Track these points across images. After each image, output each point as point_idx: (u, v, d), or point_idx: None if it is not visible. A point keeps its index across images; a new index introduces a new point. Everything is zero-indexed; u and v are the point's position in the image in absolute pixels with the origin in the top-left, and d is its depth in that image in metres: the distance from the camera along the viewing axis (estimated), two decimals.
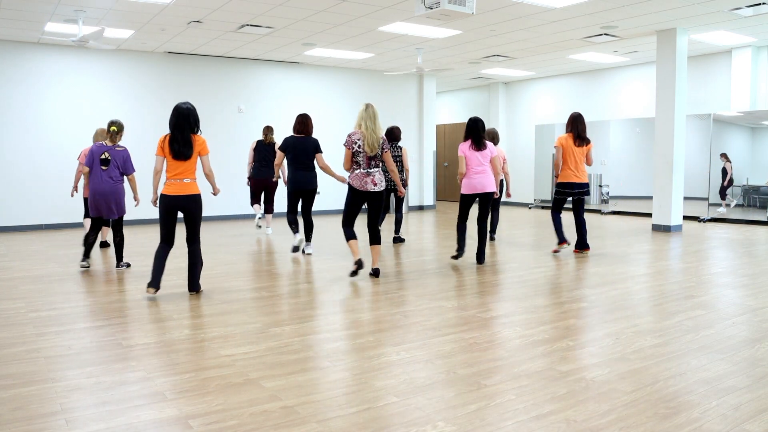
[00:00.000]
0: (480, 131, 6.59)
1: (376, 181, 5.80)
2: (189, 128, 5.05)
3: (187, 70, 11.51)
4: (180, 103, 5.12)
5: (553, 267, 6.53)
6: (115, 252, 6.52)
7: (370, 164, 5.78)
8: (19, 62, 10.11)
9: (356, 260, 5.80)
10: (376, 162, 5.79)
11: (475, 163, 6.57)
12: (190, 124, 5.06)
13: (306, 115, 7.13)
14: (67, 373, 3.33)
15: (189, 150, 5.03)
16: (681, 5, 8.10)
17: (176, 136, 5.02)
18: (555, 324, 4.27)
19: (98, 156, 6.32)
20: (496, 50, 11.19)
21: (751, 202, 10.81)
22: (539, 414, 2.74)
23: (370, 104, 5.79)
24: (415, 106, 14.43)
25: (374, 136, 5.71)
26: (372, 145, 5.70)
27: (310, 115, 7.25)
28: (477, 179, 6.56)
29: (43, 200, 10.37)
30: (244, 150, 12.04)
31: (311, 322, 4.36)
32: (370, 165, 5.78)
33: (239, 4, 7.94)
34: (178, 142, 5.01)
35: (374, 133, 5.71)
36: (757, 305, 4.77)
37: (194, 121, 5.08)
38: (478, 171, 6.57)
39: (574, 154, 7.15)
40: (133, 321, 4.43)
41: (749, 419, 2.68)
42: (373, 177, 5.78)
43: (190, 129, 5.06)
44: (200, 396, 2.99)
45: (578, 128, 7.15)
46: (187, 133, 5.04)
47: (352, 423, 2.67)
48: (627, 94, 13.06)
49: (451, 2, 6.16)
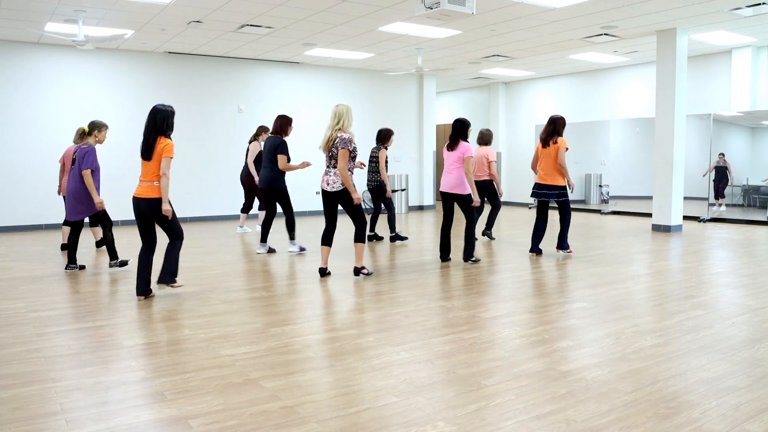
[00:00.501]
0: (456, 132, 6.66)
1: (329, 181, 5.76)
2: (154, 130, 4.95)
3: (187, 70, 11.51)
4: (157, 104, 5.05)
5: (553, 267, 6.53)
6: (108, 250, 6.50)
7: (329, 163, 5.79)
8: (19, 62, 10.11)
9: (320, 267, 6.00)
10: (333, 162, 5.75)
11: (447, 163, 6.73)
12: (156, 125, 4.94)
13: (280, 115, 7.28)
14: (67, 373, 3.33)
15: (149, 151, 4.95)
16: (681, 5, 8.10)
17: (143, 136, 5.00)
18: (555, 324, 4.27)
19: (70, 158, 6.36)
20: (496, 50, 11.19)
21: (751, 202, 10.81)
22: (539, 414, 2.74)
23: (338, 104, 5.78)
24: (415, 106, 14.42)
25: (329, 133, 5.71)
26: (326, 142, 5.73)
27: (285, 116, 7.30)
28: (444, 178, 6.74)
29: (43, 200, 10.37)
30: (244, 150, 12.03)
31: (311, 322, 4.36)
32: (328, 164, 5.80)
33: (239, 4, 7.94)
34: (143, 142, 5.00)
35: (330, 130, 5.72)
36: (757, 305, 4.77)
37: (162, 123, 4.95)
38: (446, 170, 6.72)
39: (542, 156, 7.10)
40: (133, 321, 4.43)
41: (749, 419, 2.68)
42: (328, 177, 5.78)
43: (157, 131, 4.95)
44: (200, 396, 2.99)
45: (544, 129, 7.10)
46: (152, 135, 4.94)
47: (352, 423, 2.67)
48: (627, 94, 13.06)
49: (451, 2, 6.16)
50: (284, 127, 7.25)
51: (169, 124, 4.98)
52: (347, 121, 5.71)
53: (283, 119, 7.24)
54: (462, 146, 6.61)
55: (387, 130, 8.17)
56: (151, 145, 4.93)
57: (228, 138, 11.94)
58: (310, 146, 12.65)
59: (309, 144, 12.66)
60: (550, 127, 7.06)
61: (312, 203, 12.85)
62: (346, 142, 5.62)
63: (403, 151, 14.21)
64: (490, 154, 8.34)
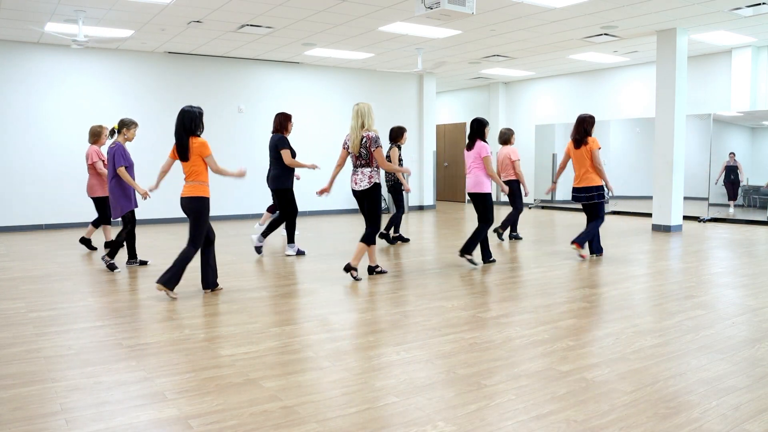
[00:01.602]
0: (474, 132, 6.62)
1: (357, 180, 5.83)
2: (184, 131, 5.06)
3: (187, 70, 11.51)
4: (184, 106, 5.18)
5: (553, 267, 6.53)
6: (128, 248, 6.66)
7: (356, 163, 5.85)
8: (19, 62, 10.11)
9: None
10: (360, 161, 5.81)
11: (467, 163, 6.68)
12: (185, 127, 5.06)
13: (279, 113, 7.25)
14: (67, 373, 3.33)
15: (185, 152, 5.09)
16: (681, 5, 8.10)
17: (176, 138, 5.12)
18: (555, 324, 4.27)
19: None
20: (496, 50, 11.19)
21: (751, 202, 10.81)
22: (539, 414, 2.74)
23: (358, 102, 5.84)
24: (415, 106, 14.42)
25: (355, 135, 5.76)
26: (354, 143, 5.77)
27: (285, 113, 7.26)
28: (467, 179, 6.69)
29: (43, 200, 10.37)
30: (244, 150, 12.04)
31: (311, 322, 4.36)
32: (355, 164, 5.86)
33: (239, 4, 7.94)
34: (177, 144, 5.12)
35: (355, 131, 5.76)
36: (757, 305, 4.77)
37: (190, 124, 5.07)
38: (467, 171, 6.67)
39: (576, 158, 6.93)
40: (133, 321, 4.43)
41: (749, 419, 2.68)
42: (356, 176, 5.84)
43: (187, 131, 5.07)
44: (200, 396, 2.99)
45: (574, 130, 6.93)
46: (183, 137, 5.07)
47: (352, 423, 2.67)
48: (627, 94, 13.06)
49: (451, 2, 6.16)
50: (284, 124, 7.22)
51: (197, 124, 5.12)
52: (369, 119, 5.77)
53: (283, 116, 7.21)
54: (478, 146, 6.56)
55: (399, 128, 8.14)
56: (186, 146, 5.08)
57: (228, 138, 11.93)
58: (310, 146, 12.66)
59: (309, 144, 12.67)
60: (581, 127, 6.86)
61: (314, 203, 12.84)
62: (376, 141, 5.75)
63: (403, 151, 14.20)
64: (512, 153, 8.33)
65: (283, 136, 7.18)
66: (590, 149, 6.80)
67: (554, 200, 14.16)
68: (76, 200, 10.57)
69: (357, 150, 5.76)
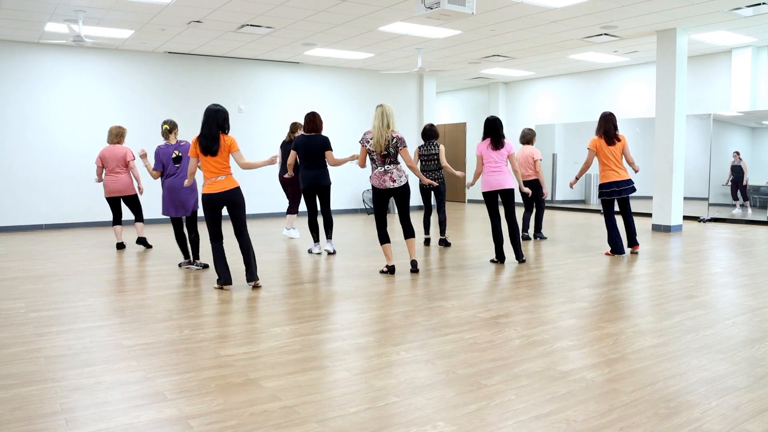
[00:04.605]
0: (498, 130, 6.69)
1: (395, 177, 5.98)
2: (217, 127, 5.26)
3: (187, 70, 11.51)
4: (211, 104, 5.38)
5: (554, 267, 6.53)
6: (191, 250, 6.60)
7: (385, 162, 5.97)
8: (19, 62, 10.11)
9: (389, 266, 6.12)
10: (390, 159, 5.97)
11: (492, 161, 6.68)
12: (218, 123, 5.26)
13: (313, 113, 7.24)
14: (67, 373, 3.33)
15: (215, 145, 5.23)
16: (681, 5, 8.10)
17: (204, 133, 5.26)
18: (555, 324, 4.27)
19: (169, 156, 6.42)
20: (496, 50, 11.19)
21: (751, 202, 10.81)
22: (539, 414, 2.74)
23: (381, 104, 5.99)
24: (415, 106, 14.43)
25: (380, 135, 5.89)
26: (378, 143, 5.89)
27: (318, 113, 7.30)
28: (494, 177, 6.68)
29: (43, 200, 10.37)
30: (244, 150, 11.99)
31: (311, 322, 4.36)
32: (385, 163, 5.98)
33: (239, 4, 7.94)
34: (206, 138, 5.24)
35: (380, 131, 5.90)
36: (757, 305, 4.77)
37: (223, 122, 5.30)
38: (494, 169, 6.67)
39: (611, 153, 7.12)
40: (133, 321, 4.43)
41: (749, 419, 2.68)
42: (391, 174, 5.98)
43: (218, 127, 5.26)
44: (200, 396, 2.99)
45: (605, 127, 7.13)
46: (215, 131, 5.25)
47: (352, 423, 2.67)
48: (627, 94, 13.06)
49: (451, 2, 6.17)
50: (321, 125, 7.22)
51: (228, 122, 5.35)
52: (392, 120, 5.96)
53: (319, 117, 7.20)
54: (508, 144, 6.75)
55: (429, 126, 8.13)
56: (217, 140, 5.24)
57: None
58: None
59: None
60: (609, 123, 7.13)
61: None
62: (404, 141, 5.97)
63: None
64: (535, 153, 8.42)
65: (327, 137, 7.20)
66: (623, 145, 7.17)
67: (554, 200, 14.15)
68: (76, 200, 10.57)
69: (382, 149, 5.91)
